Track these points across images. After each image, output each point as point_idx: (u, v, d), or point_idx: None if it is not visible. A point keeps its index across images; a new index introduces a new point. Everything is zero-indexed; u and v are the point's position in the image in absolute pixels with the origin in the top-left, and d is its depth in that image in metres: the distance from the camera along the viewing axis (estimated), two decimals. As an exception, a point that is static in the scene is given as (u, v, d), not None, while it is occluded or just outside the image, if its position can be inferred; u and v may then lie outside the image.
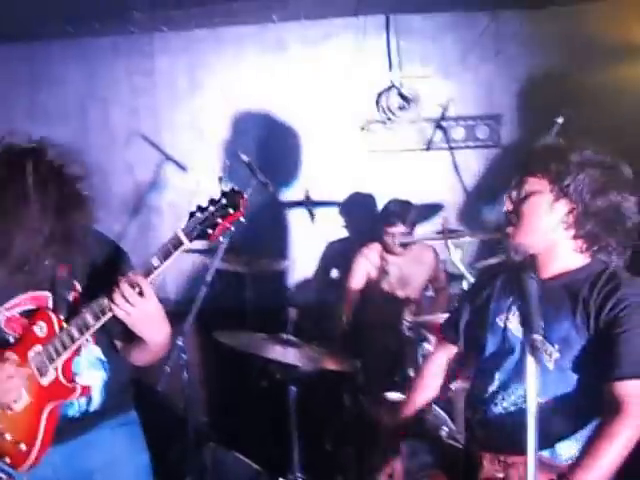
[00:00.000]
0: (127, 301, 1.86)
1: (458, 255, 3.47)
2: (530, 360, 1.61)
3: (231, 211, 1.87)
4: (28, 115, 4.47)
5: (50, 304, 2.08)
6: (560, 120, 3.67)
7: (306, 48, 4.48)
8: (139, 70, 4.49)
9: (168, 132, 4.52)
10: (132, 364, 2.24)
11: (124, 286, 1.86)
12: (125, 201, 4.55)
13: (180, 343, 2.98)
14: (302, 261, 4.18)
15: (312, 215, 4.24)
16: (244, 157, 3.38)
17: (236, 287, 4.13)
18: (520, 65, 4.42)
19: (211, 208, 1.87)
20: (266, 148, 4.34)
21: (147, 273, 1.89)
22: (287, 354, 3.18)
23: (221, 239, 1.99)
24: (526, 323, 1.65)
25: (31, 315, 2.05)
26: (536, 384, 1.60)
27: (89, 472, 2.15)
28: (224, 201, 1.87)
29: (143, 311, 1.89)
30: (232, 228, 1.89)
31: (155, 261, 1.89)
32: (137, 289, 1.87)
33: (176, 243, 1.87)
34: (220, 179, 4.35)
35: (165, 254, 1.88)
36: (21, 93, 4.54)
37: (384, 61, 4.44)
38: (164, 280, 4.36)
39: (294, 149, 4.46)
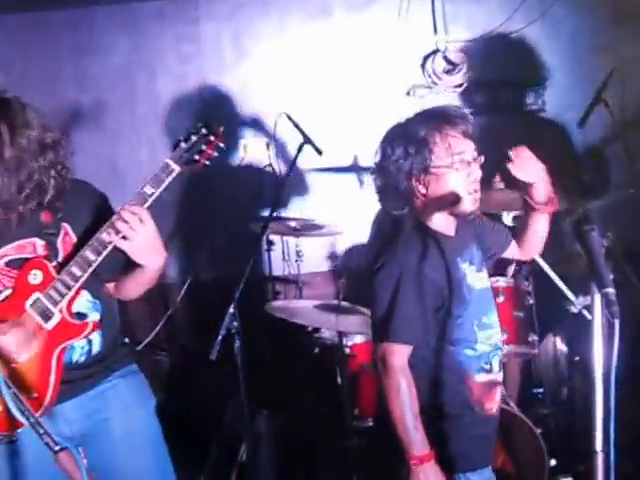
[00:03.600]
0: (130, 227, 1.95)
1: (510, 218, 3.49)
2: (599, 315, 1.59)
3: (212, 138, 2.07)
4: (74, 83, 4.47)
5: (40, 250, 2.09)
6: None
7: (351, 13, 4.46)
8: (185, 37, 4.48)
9: (215, 99, 4.53)
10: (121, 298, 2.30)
11: (125, 214, 1.95)
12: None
13: (232, 310, 2.97)
14: (351, 227, 4.20)
15: (360, 181, 4.27)
16: (293, 119, 3.40)
17: (285, 254, 4.19)
18: (566, 27, 4.37)
19: (194, 137, 2.06)
20: (312, 113, 4.37)
21: (142, 201, 2.00)
22: (339, 320, 3.21)
23: (207, 163, 2.10)
24: (595, 277, 1.58)
25: (20, 265, 2.06)
26: (614, 340, 1.55)
27: (103, 420, 2.21)
28: (204, 130, 2.07)
29: (144, 236, 1.98)
30: (216, 154, 2.09)
31: (148, 189, 2.01)
32: (137, 216, 1.96)
33: (167, 171, 2.02)
34: (268, 145, 4.41)
35: (157, 182, 2.01)
36: (66, 61, 4.52)
37: (429, 25, 4.41)
38: (215, 249, 4.42)
39: (341, 114, 4.47)
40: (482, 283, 2.25)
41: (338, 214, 4.21)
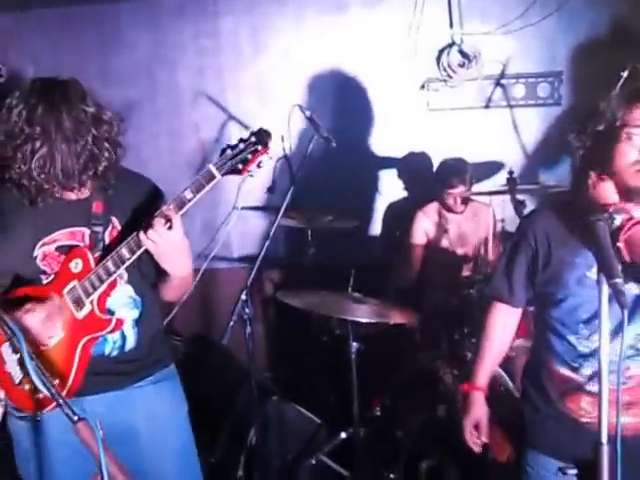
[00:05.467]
0: (157, 233, 1.99)
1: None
2: (606, 306, 1.60)
3: (259, 148, 2.05)
4: (98, 78, 4.56)
5: (87, 240, 2.19)
6: (625, 74, 3.64)
7: (366, 7, 4.51)
8: (204, 32, 4.59)
9: (232, 92, 4.63)
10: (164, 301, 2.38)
11: (157, 219, 1.99)
12: (190, 159, 4.69)
13: (244, 297, 3.07)
14: (365, 219, 4.24)
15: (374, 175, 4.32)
16: (307, 112, 3.45)
17: (299, 243, 4.25)
18: (582, 20, 4.34)
19: (241, 145, 2.05)
20: (329, 107, 4.43)
21: (180, 206, 2.03)
22: (351, 310, 3.25)
23: (251, 173, 2.10)
24: (604, 268, 1.59)
25: (67, 252, 2.17)
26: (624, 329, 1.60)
27: (127, 424, 2.26)
28: (253, 139, 2.05)
29: (169, 243, 2.01)
30: (261, 164, 2.07)
31: (188, 194, 2.03)
32: (168, 223, 2.00)
33: (208, 177, 2.04)
34: (282, 137, 4.46)
35: (198, 187, 2.04)
36: (91, 56, 4.66)
37: (445, 18, 4.43)
38: (229, 237, 4.51)
39: (358, 107, 4.53)
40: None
41: (352, 206, 4.25)
